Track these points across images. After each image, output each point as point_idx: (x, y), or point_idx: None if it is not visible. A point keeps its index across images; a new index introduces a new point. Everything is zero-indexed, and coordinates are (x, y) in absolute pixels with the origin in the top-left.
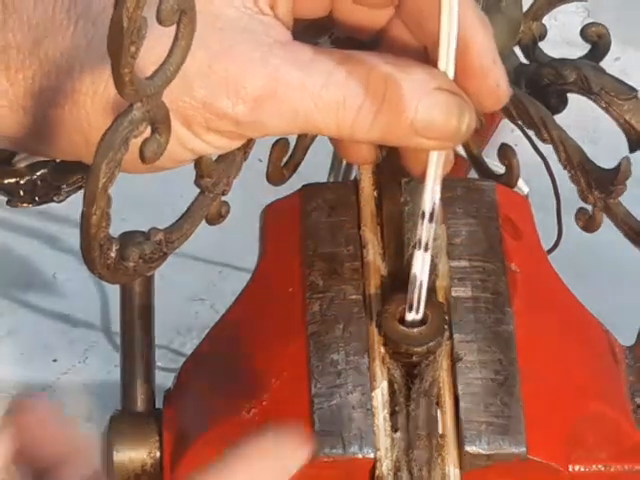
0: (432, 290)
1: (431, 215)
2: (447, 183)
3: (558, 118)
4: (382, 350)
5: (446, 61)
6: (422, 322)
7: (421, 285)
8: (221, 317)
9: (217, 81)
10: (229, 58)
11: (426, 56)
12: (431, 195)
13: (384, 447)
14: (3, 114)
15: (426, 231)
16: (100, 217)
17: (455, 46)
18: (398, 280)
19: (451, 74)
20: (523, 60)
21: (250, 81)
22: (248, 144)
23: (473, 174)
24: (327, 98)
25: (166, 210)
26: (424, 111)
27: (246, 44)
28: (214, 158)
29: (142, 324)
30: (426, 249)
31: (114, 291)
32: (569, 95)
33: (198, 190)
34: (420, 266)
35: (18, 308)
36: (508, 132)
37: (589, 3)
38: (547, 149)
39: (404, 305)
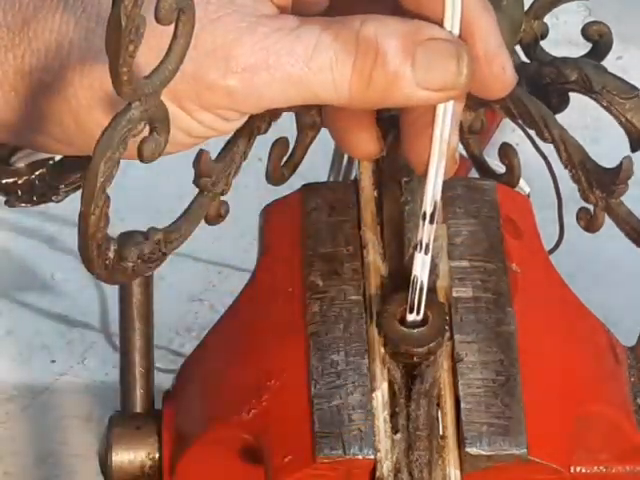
0: (433, 290)
1: (432, 216)
2: (447, 182)
3: (559, 117)
4: (382, 351)
5: (451, 22)
6: (423, 323)
7: (422, 287)
8: (221, 317)
9: (205, 53)
10: (216, 29)
11: None
12: (432, 195)
13: (384, 448)
14: None
15: (427, 232)
16: (98, 217)
17: (460, 7)
18: (398, 280)
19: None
20: (524, 59)
21: (239, 50)
22: (248, 142)
23: (474, 173)
24: (318, 59)
25: (165, 210)
26: (421, 60)
27: (233, 15)
28: (213, 157)
29: (141, 325)
30: (427, 251)
31: (113, 291)
32: (570, 94)
33: (197, 190)
34: (420, 268)
35: (16, 308)
36: (509, 131)
37: (590, 2)
38: (548, 148)
39: (404, 305)
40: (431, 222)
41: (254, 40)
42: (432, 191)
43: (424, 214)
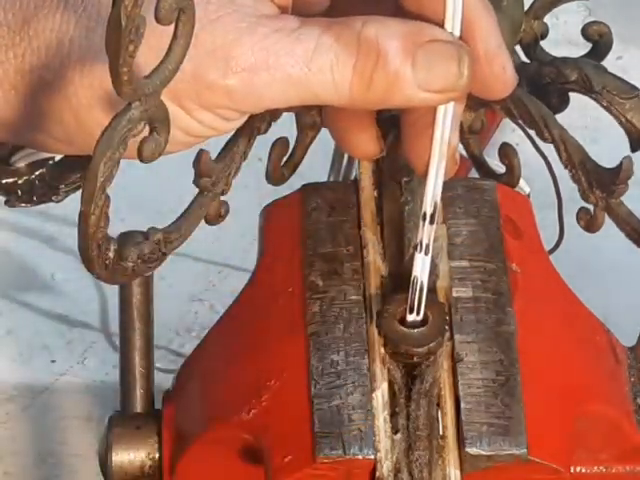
0: (433, 290)
1: (432, 217)
2: (448, 183)
3: (559, 117)
4: (382, 351)
5: (452, 23)
6: (423, 323)
7: (422, 287)
8: (220, 317)
9: (205, 52)
10: (215, 29)
11: None
12: (432, 196)
13: (384, 448)
14: None
15: (427, 233)
16: (98, 217)
17: (461, 8)
18: (398, 280)
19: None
20: (524, 59)
21: (239, 50)
22: (248, 142)
23: (474, 173)
24: (319, 60)
25: (165, 210)
26: (422, 62)
27: (233, 15)
28: (213, 157)
29: (141, 325)
30: (427, 251)
31: (113, 291)
32: (570, 94)
33: (197, 190)
34: (420, 268)
35: (16, 308)
36: (509, 131)
37: (590, 2)
38: (548, 148)
39: (404, 305)
40: (431, 222)
41: (253, 40)
42: (432, 192)
43: (424, 215)
